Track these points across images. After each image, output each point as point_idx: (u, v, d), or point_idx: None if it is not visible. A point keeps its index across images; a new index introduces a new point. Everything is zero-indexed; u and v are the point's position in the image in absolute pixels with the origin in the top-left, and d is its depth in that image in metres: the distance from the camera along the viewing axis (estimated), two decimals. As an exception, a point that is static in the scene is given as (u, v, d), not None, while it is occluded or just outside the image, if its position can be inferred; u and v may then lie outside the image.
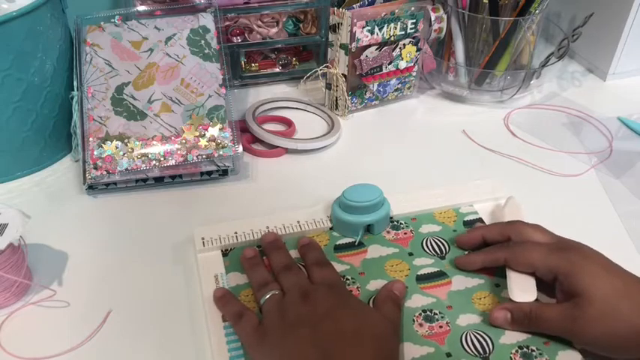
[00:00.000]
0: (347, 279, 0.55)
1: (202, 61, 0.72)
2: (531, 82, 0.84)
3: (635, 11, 0.82)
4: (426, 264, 0.57)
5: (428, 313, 0.52)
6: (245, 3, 0.79)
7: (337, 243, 0.59)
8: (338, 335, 0.45)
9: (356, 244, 0.59)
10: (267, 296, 0.51)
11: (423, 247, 0.58)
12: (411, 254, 0.58)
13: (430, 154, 0.74)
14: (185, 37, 0.72)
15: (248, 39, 0.84)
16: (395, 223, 0.61)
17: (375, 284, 0.55)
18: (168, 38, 0.72)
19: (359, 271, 0.56)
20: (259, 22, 0.83)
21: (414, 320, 0.51)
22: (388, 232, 0.60)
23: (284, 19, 0.84)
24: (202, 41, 0.73)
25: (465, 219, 0.62)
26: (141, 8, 0.74)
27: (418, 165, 0.72)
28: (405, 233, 0.60)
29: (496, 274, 0.55)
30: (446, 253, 0.58)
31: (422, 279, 0.55)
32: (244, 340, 0.49)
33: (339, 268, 0.56)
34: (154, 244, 0.60)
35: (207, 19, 0.74)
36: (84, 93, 0.68)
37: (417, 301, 0.53)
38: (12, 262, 0.51)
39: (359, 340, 0.45)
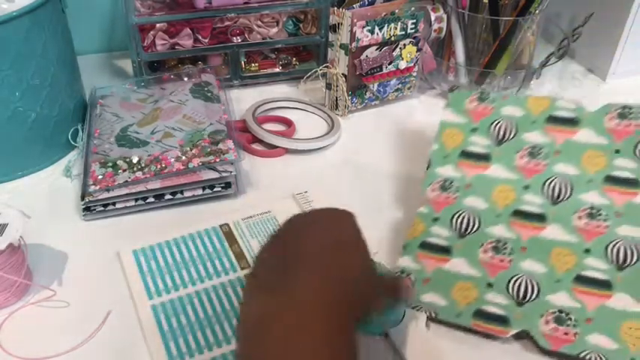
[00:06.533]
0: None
1: (204, 102, 0.74)
2: (531, 82, 0.84)
3: (635, 11, 0.82)
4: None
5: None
6: (245, 3, 0.79)
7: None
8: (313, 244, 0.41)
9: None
10: None
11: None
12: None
13: (430, 154, 0.74)
14: (188, 89, 0.76)
15: (248, 39, 0.84)
16: None
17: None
18: (172, 92, 0.75)
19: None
20: (259, 22, 0.83)
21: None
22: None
23: (284, 19, 0.84)
24: (205, 89, 0.76)
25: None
26: (150, 76, 0.81)
27: (418, 165, 0.72)
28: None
29: None
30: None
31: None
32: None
33: None
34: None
35: (209, 77, 0.78)
36: (91, 134, 0.69)
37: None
38: (12, 262, 0.51)
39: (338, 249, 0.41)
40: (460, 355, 0.50)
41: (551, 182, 0.55)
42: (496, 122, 0.60)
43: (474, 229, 0.56)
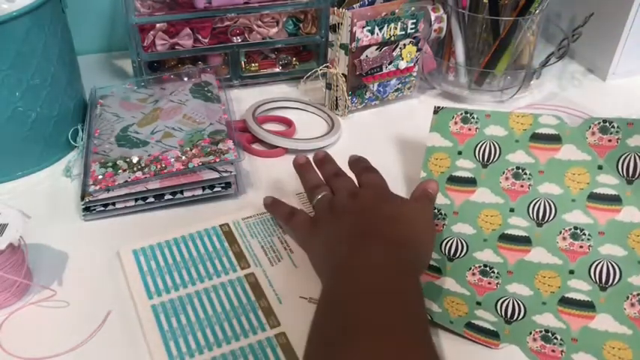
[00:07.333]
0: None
1: (204, 102, 0.73)
2: (531, 82, 0.84)
3: (635, 11, 0.82)
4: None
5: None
6: (245, 3, 0.79)
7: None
8: (378, 218, 0.52)
9: None
10: (319, 196, 0.56)
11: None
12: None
13: (430, 154, 0.74)
14: (188, 89, 0.76)
15: (248, 39, 0.84)
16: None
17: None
18: (172, 92, 0.75)
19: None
20: (259, 22, 0.83)
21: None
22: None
23: (284, 19, 0.84)
24: (205, 89, 0.76)
25: None
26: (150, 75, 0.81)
27: (418, 165, 0.72)
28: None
29: None
30: None
31: None
32: (297, 233, 0.57)
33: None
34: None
35: (209, 77, 0.78)
36: (91, 134, 0.69)
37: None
38: (12, 262, 0.51)
39: (396, 221, 0.52)
40: (459, 354, 0.50)
41: (535, 203, 0.56)
42: (481, 144, 0.61)
43: (462, 253, 0.57)
